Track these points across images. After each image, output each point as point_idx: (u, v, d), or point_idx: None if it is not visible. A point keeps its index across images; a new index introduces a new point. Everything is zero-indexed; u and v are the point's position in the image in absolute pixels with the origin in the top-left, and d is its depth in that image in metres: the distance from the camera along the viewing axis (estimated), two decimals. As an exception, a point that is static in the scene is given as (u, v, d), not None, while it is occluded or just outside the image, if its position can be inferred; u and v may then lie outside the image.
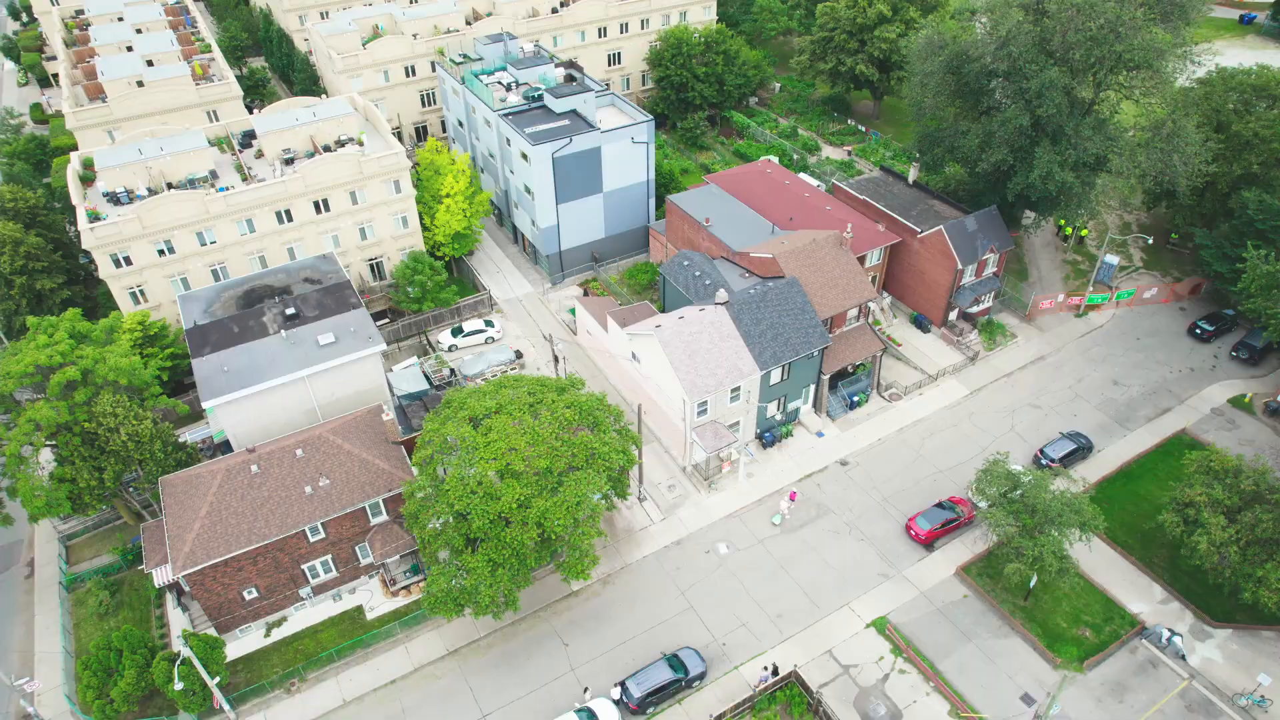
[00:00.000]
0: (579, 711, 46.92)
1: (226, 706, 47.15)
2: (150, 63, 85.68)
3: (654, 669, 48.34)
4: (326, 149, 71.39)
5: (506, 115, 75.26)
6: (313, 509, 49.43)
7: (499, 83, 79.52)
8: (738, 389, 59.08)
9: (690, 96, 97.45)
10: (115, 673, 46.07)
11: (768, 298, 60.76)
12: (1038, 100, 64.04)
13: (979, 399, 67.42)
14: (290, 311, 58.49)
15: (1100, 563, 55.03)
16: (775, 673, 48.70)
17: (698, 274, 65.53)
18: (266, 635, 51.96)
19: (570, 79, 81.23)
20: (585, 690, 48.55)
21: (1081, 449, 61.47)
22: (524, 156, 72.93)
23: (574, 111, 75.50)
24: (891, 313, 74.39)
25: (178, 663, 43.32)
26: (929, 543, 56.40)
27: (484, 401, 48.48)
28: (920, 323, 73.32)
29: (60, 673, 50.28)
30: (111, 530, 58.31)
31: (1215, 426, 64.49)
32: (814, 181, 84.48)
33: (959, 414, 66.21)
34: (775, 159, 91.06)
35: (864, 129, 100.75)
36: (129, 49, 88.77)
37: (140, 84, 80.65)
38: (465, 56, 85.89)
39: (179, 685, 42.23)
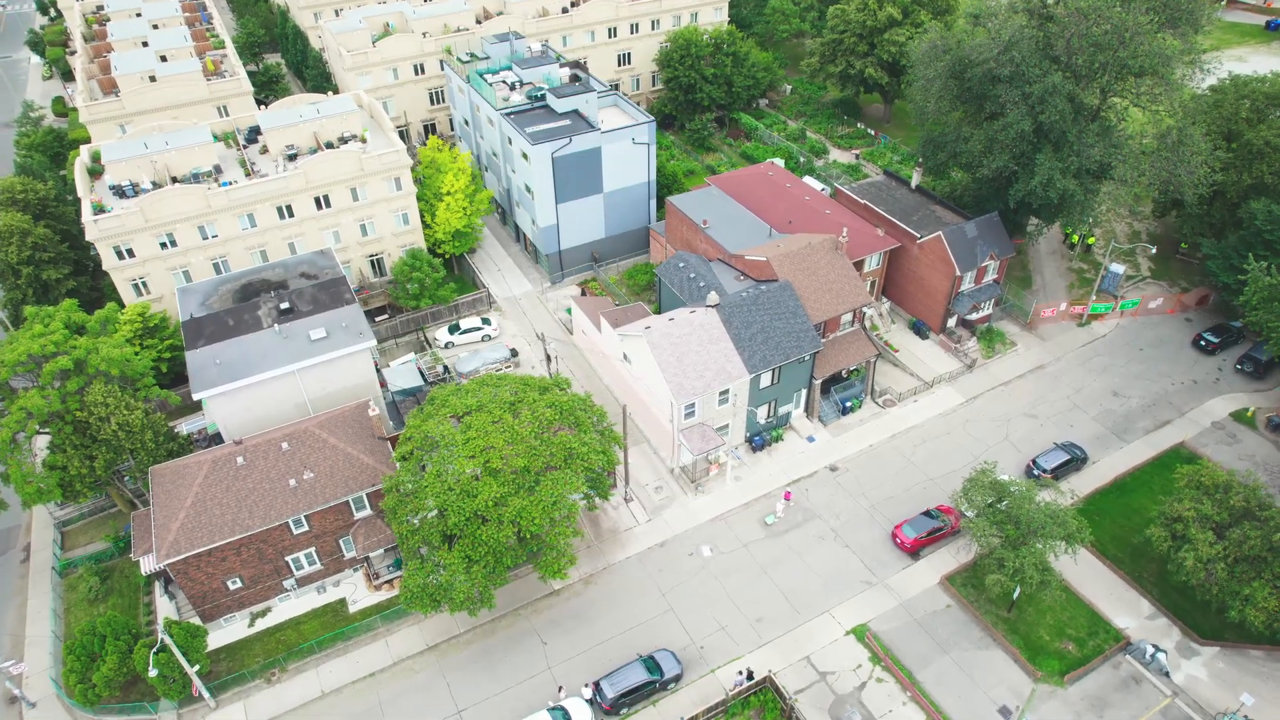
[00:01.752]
0: (552, 710, 47.10)
1: (206, 694, 47.86)
2: (164, 58, 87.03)
3: (629, 670, 48.40)
4: (329, 146, 72.16)
5: (509, 114, 75.61)
6: (296, 502, 50.02)
7: (503, 82, 79.88)
8: (726, 392, 58.95)
9: (698, 98, 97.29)
10: (99, 658, 46.91)
11: (759, 301, 60.56)
12: (1040, 106, 63.25)
13: (974, 407, 66.74)
14: (284, 306, 59.21)
15: (1088, 576, 54.31)
16: (750, 677, 48.58)
17: (692, 276, 65.52)
18: (250, 625, 52.65)
19: (575, 79, 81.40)
20: (560, 689, 48.71)
21: (1075, 460, 60.66)
22: (524, 156, 73.24)
23: (576, 112, 75.67)
24: (890, 318, 73.84)
25: (155, 650, 43.97)
26: (914, 551, 55.96)
27: (465, 399, 48.82)
28: (919, 329, 72.70)
29: (49, 656, 51.31)
30: (106, 518, 59.40)
31: (1215, 440, 63.34)
32: (818, 185, 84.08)
33: (953, 422, 65.59)
34: (781, 162, 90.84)
35: (873, 133, 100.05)
36: (144, 44, 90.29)
37: (152, 79, 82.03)
38: (472, 55, 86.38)
39: (153, 672, 42.91)
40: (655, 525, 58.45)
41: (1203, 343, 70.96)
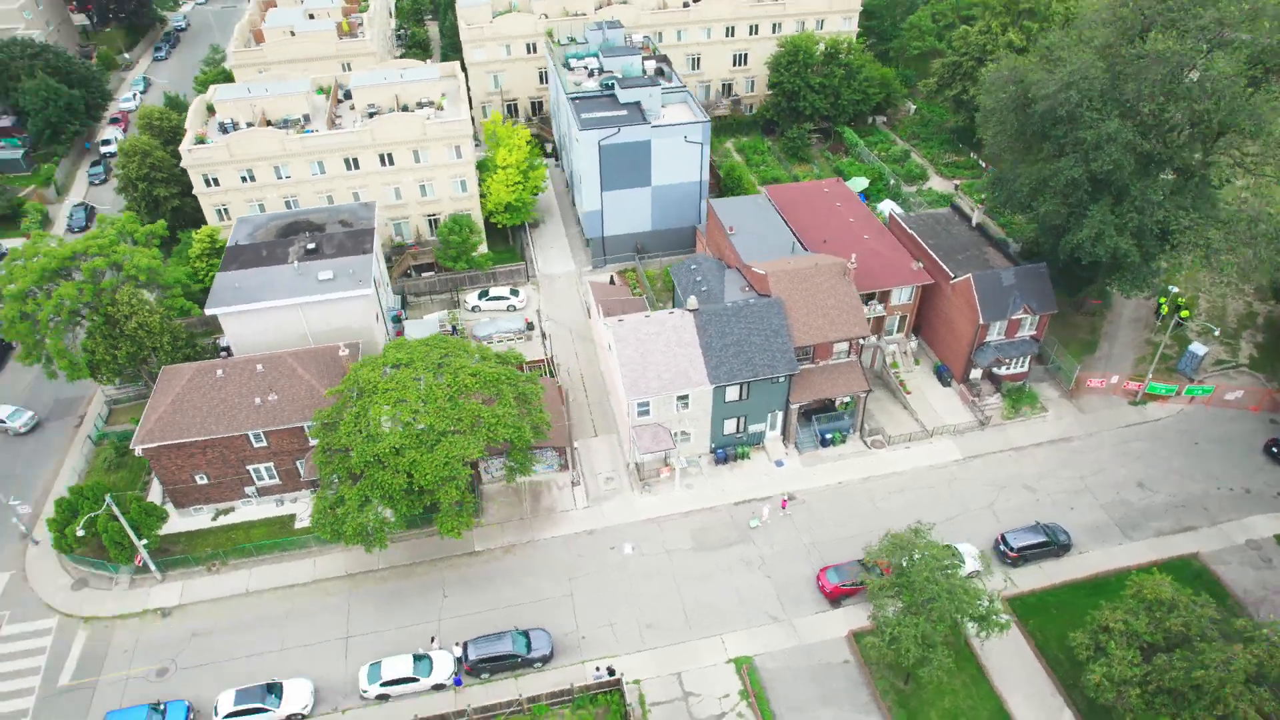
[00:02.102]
0: (418, 657, 49.72)
1: (153, 567, 54.77)
2: (311, 16, 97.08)
3: (499, 639, 50.01)
4: (405, 109, 77.98)
5: (574, 99, 78.02)
6: (258, 418, 55.70)
7: (585, 68, 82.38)
8: (685, 397, 58.52)
9: (801, 106, 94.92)
10: (77, 514, 54.88)
11: (740, 314, 59.39)
12: (1094, 153, 56.99)
13: (970, 466, 61.74)
14: (310, 246, 65.35)
15: (1015, 667, 49.37)
16: (611, 673, 48.73)
17: (698, 279, 65.23)
18: (214, 519, 59.33)
19: (659, 72, 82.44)
20: (432, 639, 51.30)
21: (1053, 545, 54.83)
22: (576, 140, 75.46)
23: (637, 103, 76.74)
24: (914, 357, 69.46)
25: (93, 516, 50.95)
26: (835, 598, 53.25)
27: (400, 354, 52.16)
28: (941, 374, 67.92)
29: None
30: (145, 403, 68.59)
31: (1240, 560, 54.88)
32: (897, 210, 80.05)
33: (941, 477, 61.12)
34: (865, 181, 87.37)
35: (985, 165, 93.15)
36: (301, 1, 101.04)
37: (292, 34, 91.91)
38: (571, 39, 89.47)
39: (81, 532, 49.92)
40: (592, 513, 59.33)
41: (1275, 449, 61.22)
